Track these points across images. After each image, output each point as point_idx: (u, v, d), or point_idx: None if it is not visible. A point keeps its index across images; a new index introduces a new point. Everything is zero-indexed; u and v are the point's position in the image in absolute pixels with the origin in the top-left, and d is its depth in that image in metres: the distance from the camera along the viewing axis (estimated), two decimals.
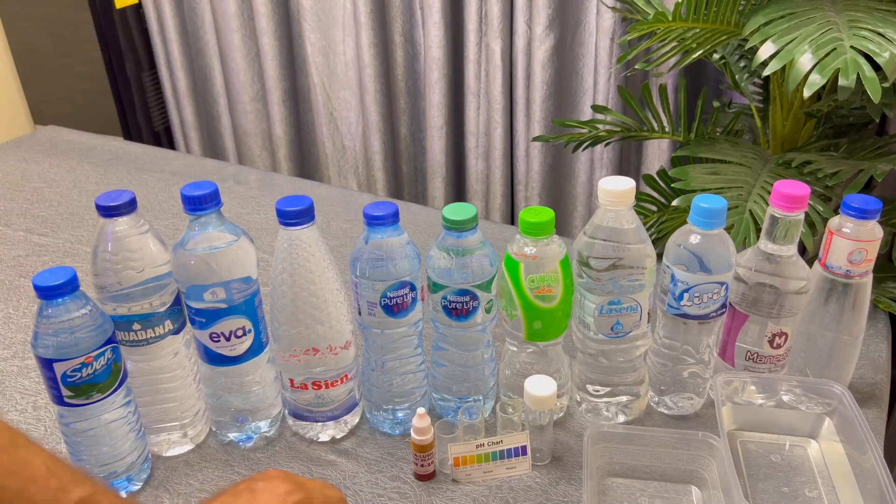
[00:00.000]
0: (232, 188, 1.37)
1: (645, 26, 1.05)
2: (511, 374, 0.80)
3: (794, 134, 1.14)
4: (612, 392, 0.80)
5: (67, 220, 1.25)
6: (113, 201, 0.68)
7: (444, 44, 1.71)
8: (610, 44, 1.55)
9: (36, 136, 1.60)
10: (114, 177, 1.41)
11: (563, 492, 0.73)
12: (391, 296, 0.72)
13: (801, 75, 0.84)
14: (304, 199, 0.70)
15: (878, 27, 0.86)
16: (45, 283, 0.63)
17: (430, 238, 0.76)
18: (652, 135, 1.30)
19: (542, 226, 0.72)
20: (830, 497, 0.71)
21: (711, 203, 0.72)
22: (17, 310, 1.02)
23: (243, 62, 2.00)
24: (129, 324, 0.71)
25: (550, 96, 1.67)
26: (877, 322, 0.97)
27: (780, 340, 0.77)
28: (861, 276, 0.76)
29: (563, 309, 0.75)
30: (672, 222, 1.20)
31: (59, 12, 2.39)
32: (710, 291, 0.73)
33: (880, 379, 0.88)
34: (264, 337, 0.76)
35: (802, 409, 0.78)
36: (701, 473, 0.72)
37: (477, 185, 1.87)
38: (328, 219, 1.26)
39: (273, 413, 0.80)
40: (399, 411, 0.80)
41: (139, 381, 0.74)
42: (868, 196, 0.74)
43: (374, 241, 0.72)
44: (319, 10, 1.86)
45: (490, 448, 0.73)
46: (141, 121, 2.21)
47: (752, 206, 0.95)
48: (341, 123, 1.99)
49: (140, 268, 0.70)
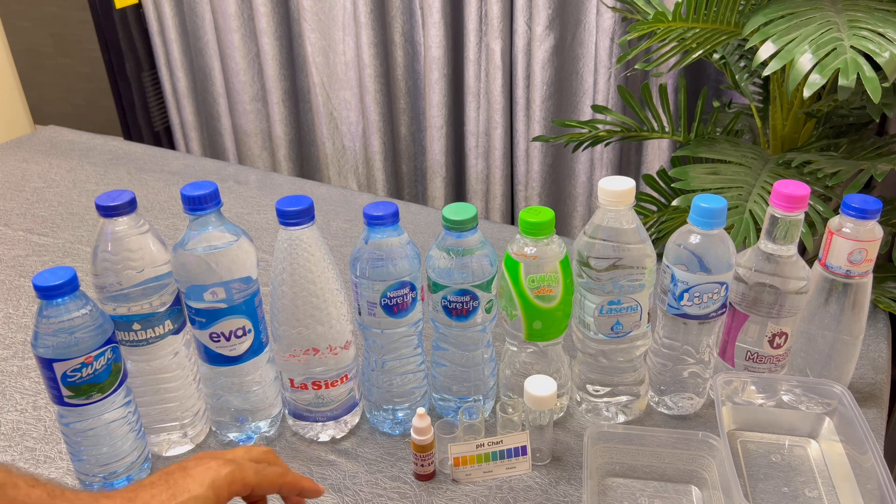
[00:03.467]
0: (232, 188, 1.37)
1: (645, 26, 1.05)
2: (511, 374, 0.80)
3: (794, 134, 1.14)
4: (612, 392, 0.80)
5: (67, 220, 1.25)
6: (113, 201, 0.68)
7: (444, 44, 1.71)
8: (610, 44, 1.55)
9: (36, 136, 1.60)
10: (114, 177, 1.41)
11: (563, 492, 0.73)
12: (391, 296, 0.72)
13: (801, 75, 0.84)
14: (304, 199, 0.70)
15: (878, 27, 0.86)
16: (45, 283, 0.63)
17: (430, 238, 0.76)
18: (652, 135, 1.30)
19: (542, 226, 0.72)
20: (830, 497, 0.71)
21: (711, 203, 0.72)
22: (17, 310, 1.02)
23: (243, 62, 2.00)
24: (129, 324, 0.71)
25: (550, 96, 1.67)
26: (877, 322, 0.97)
27: (780, 340, 0.77)
28: (861, 276, 0.76)
29: (563, 309, 0.75)
30: (672, 222, 1.20)
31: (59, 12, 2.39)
32: (710, 291, 0.73)
33: (880, 379, 0.88)
34: (264, 337, 0.76)
35: (802, 409, 0.78)
36: (701, 473, 0.72)
37: (477, 185, 1.87)
38: (328, 219, 1.26)
39: (273, 413, 0.80)
40: (399, 411, 0.80)
41: (139, 381, 0.74)
42: (868, 196, 0.74)
43: (374, 241, 0.72)
44: (319, 10, 1.86)
45: (490, 448, 0.73)
46: (141, 121, 2.21)
47: (752, 206, 0.95)
48: (341, 123, 1.99)
49: (140, 268, 0.70)
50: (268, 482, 0.58)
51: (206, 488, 0.53)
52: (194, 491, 0.53)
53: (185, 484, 0.53)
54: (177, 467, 0.55)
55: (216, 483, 0.54)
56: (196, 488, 0.53)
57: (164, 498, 0.52)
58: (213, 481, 0.54)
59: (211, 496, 0.53)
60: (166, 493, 0.52)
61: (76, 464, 0.72)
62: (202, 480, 0.53)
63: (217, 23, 1.99)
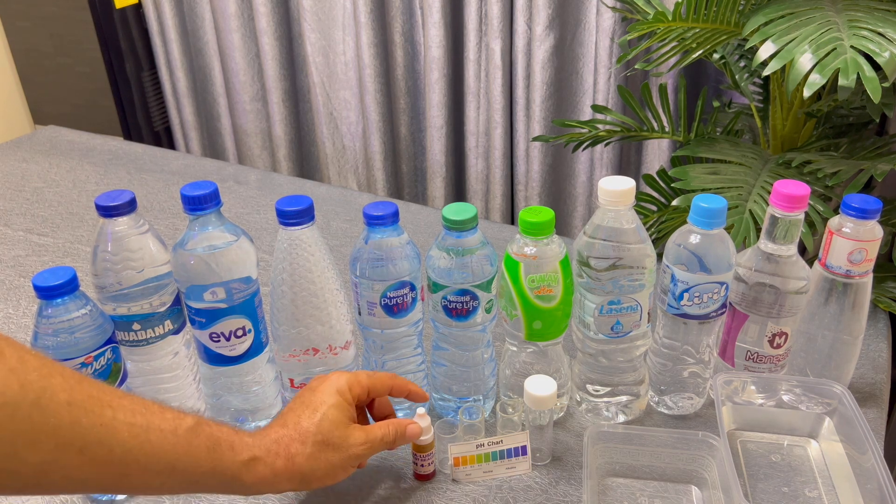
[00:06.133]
0: (232, 188, 1.37)
1: (645, 26, 1.05)
2: (511, 374, 0.80)
3: (794, 134, 1.14)
4: (612, 392, 0.80)
5: (67, 220, 1.25)
6: (113, 201, 0.68)
7: (444, 44, 1.71)
8: (610, 44, 1.55)
9: (36, 136, 1.60)
10: (114, 177, 1.41)
11: (563, 492, 0.73)
12: (391, 296, 0.72)
13: (801, 75, 0.84)
14: (304, 199, 0.70)
15: (878, 27, 0.86)
16: (45, 283, 0.63)
17: (430, 238, 0.76)
18: (652, 135, 1.30)
19: (542, 226, 0.72)
20: (830, 497, 0.71)
21: (711, 203, 0.72)
22: (17, 310, 1.02)
23: (243, 62, 2.00)
24: (129, 324, 0.71)
25: (550, 96, 1.67)
26: (877, 322, 0.97)
27: (780, 340, 0.77)
28: (861, 275, 0.76)
29: (563, 309, 0.75)
30: (672, 222, 1.20)
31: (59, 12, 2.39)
32: (710, 291, 0.73)
33: (880, 379, 0.88)
34: (264, 337, 0.76)
35: (802, 409, 0.78)
36: (701, 473, 0.72)
37: (477, 185, 1.87)
38: (328, 219, 1.26)
39: (273, 413, 0.80)
40: (399, 411, 0.80)
41: (139, 381, 0.74)
42: (868, 196, 0.74)
43: (373, 241, 0.72)
44: (319, 10, 1.86)
45: (490, 448, 0.73)
46: (141, 121, 2.21)
47: (752, 206, 0.95)
48: (341, 123, 1.99)
49: (140, 268, 0.70)
50: (380, 382, 0.69)
51: (336, 396, 0.64)
52: (329, 401, 0.64)
53: (319, 399, 0.64)
54: (305, 391, 0.66)
55: (341, 390, 0.65)
56: (329, 399, 0.64)
57: (308, 414, 0.63)
58: (338, 389, 0.65)
59: (342, 401, 0.64)
60: (308, 411, 0.63)
61: None
62: (330, 392, 0.65)
63: (217, 23, 1.99)
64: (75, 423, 0.49)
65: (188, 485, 0.57)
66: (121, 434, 0.51)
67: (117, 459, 0.51)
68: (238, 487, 0.59)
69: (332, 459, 0.63)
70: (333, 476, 0.64)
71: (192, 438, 0.55)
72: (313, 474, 0.62)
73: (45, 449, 0.47)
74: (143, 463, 0.53)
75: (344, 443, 0.63)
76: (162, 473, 0.54)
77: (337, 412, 0.63)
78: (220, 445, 0.57)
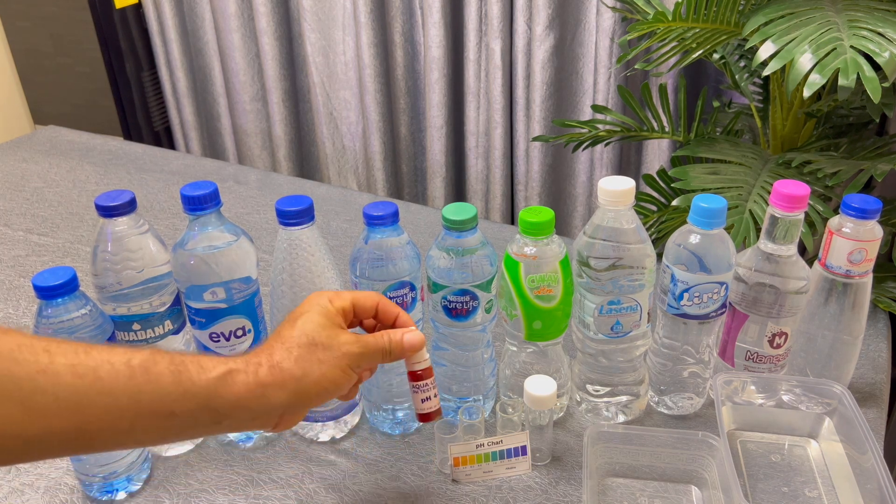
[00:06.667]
0: (232, 188, 1.37)
1: (645, 26, 1.05)
2: (511, 374, 0.80)
3: (794, 134, 1.14)
4: (612, 392, 0.80)
5: (67, 220, 1.25)
6: (113, 201, 0.68)
7: (444, 44, 1.71)
8: (610, 44, 1.55)
9: (36, 136, 1.60)
10: (114, 177, 1.42)
11: (562, 492, 0.73)
12: (391, 296, 0.72)
13: (801, 75, 0.84)
14: (304, 199, 0.70)
15: (878, 27, 0.86)
16: (44, 283, 0.63)
17: (430, 238, 0.76)
18: (652, 135, 1.30)
19: (542, 226, 0.72)
20: (830, 497, 0.71)
21: (711, 203, 0.72)
22: (16, 310, 1.02)
23: (243, 62, 2.00)
24: (128, 324, 0.71)
25: (550, 96, 1.67)
26: (877, 322, 0.97)
27: (780, 340, 0.77)
28: (861, 275, 0.76)
29: (562, 309, 0.75)
30: (672, 222, 1.20)
31: (59, 12, 2.39)
32: (710, 291, 0.73)
33: (880, 379, 0.88)
34: (264, 337, 0.76)
35: (802, 409, 0.78)
36: (701, 473, 0.72)
37: (477, 185, 1.87)
38: (328, 219, 1.26)
39: None
40: (399, 411, 0.80)
41: None
42: (868, 196, 0.74)
43: (373, 241, 0.72)
44: (319, 10, 1.86)
45: (490, 448, 0.73)
46: (141, 121, 2.21)
47: (752, 206, 0.95)
48: (341, 123, 1.99)
49: (140, 268, 0.70)
50: (364, 296, 0.63)
51: (317, 305, 0.59)
52: (310, 310, 0.59)
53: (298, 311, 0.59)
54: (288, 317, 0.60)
55: (321, 301, 0.60)
56: (309, 308, 0.59)
57: (288, 325, 0.58)
58: (318, 301, 0.60)
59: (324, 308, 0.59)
60: (288, 323, 0.58)
61: (76, 464, 0.72)
62: (310, 303, 0.60)
63: (217, 23, 1.99)
64: (6, 375, 0.44)
65: (162, 421, 0.50)
66: (64, 377, 0.46)
67: (69, 406, 0.46)
68: (222, 409, 0.52)
69: (323, 359, 0.56)
70: (332, 379, 0.57)
71: (150, 367, 0.49)
72: (307, 377, 0.55)
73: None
74: (99, 405, 0.47)
75: (333, 342, 0.57)
76: (126, 412, 0.48)
77: (320, 317, 0.58)
78: (187, 367, 0.51)
